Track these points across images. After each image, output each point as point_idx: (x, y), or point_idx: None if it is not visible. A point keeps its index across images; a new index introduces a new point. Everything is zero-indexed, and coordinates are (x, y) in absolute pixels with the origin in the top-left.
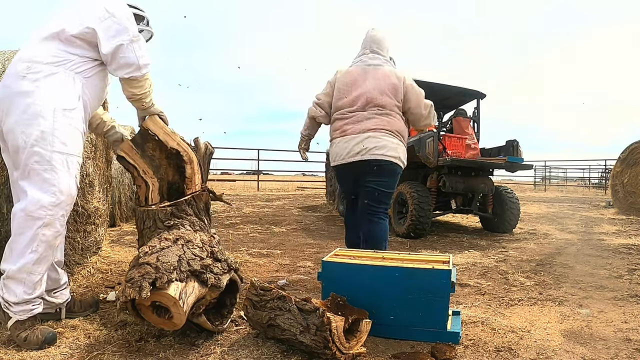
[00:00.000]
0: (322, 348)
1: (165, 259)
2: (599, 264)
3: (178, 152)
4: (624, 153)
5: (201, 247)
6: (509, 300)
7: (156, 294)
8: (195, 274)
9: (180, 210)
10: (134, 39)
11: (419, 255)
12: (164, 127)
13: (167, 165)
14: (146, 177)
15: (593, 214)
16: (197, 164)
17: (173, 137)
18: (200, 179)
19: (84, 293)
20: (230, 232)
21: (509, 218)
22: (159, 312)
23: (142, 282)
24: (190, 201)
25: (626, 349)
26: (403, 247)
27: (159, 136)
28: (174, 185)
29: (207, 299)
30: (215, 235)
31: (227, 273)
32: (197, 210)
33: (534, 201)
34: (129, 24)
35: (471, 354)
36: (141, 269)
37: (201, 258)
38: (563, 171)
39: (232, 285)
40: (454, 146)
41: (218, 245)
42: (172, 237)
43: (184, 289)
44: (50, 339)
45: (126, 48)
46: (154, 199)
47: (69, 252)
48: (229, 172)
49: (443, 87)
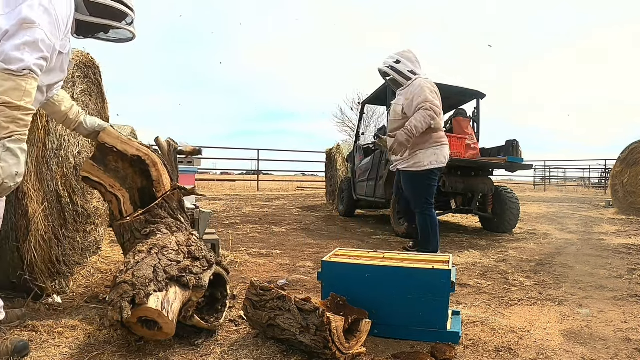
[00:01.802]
0: (322, 348)
1: (140, 273)
2: (599, 264)
3: (140, 158)
4: (623, 153)
5: (177, 249)
6: (509, 300)
7: (138, 311)
8: (175, 280)
9: (154, 216)
10: (25, 24)
11: (419, 255)
12: (119, 137)
13: (133, 173)
14: (115, 190)
15: (593, 214)
16: (162, 165)
17: (131, 144)
18: (169, 178)
19: (84, 293)
20: (230, 232)
21: (508, 218)
22: (149, 325)
23: (122, 303)
24: (163, 204)
25: (626, 349)
26: (403, 247)
27: (117, 147)
28: (145, 190)
29: (193, 300)
30: (194, 232)
31: (208, 269)
32: (171, 211)
33: (534, 201)
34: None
35: (471, 354)
36: (119, 289)
37: (178, 262)
38: (563, 171)
39: (219, 278)
40: (454, 146)
41: (196, 242)
42: (145, 247)
43: (165, 298)
44: (21, 348)
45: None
46: (127, 210)
47: (69, 252)
48: (229, 172)
49: (443, 87)
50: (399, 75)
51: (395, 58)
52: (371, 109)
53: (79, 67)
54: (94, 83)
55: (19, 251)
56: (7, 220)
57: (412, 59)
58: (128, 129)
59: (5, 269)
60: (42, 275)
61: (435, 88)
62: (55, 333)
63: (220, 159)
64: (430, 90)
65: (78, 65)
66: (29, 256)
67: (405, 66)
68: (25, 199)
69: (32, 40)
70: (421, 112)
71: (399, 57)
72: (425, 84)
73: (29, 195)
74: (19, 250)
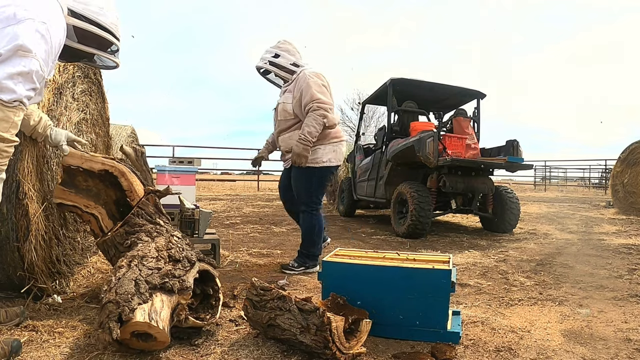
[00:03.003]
0: (322, 348)
1: (122, 290)
2: (599, 264)
3: (107, 171)
4: (624, 153)
5: (156, 256)
6: (509, 300)
7: (127, 327)
8: (158, 288)
9: (132, 226)
10: (21, 52)
11: (419, 255)
12: (82, 156)
13: (105, 188)
14: (90, 209)
15: (593, 214)
16: (131, 172)
17: (96, 160)
18: (141, 184)
19: (84, 293)
20: (231, 232)
21: (509, 218)
22: (144, 337)
23: (109, 324)
24: (139, 212)
25: (626, 349)
26: (403, 247)
27: (83, 166)
28: (120, 201)
29: (182, 303)
30: (176, 232)
31: (191, 269)
32: (148, 217)
33: (534, 201)
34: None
35: (471, 354)
36: (105, 309)
37: (159, 269)
38: (563, 171)
39: (207, 274)
40: (454, 146)
41: (177, 242)
42: (125, 262)
43: (151, 309)
44: (17, 347)
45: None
46: (107, 226)
47: (69, 252)
48: (229, 172)
49: (443, 87)
50: (282, 71)
51: (273, 52)
52: (371, 109)
53: (79, 67)
54: (94, 83)
55: (19, 251)
56: (7, 220)
57: (292, 50)
58: (128, 129)
59: (5, 269)
60: (43, 275)
61: (322, 79)
62: (56, 333)
63: (221, 159)
64: (317, 85)
65: (78, 65)
66: (29, 256)
67: (286, 59)
68: (26, 199)
69: (27, 70)
70: (311, 114)
71: (277, 51)
72: (310, 78)
73: (29, 195)
74: (19, 250)
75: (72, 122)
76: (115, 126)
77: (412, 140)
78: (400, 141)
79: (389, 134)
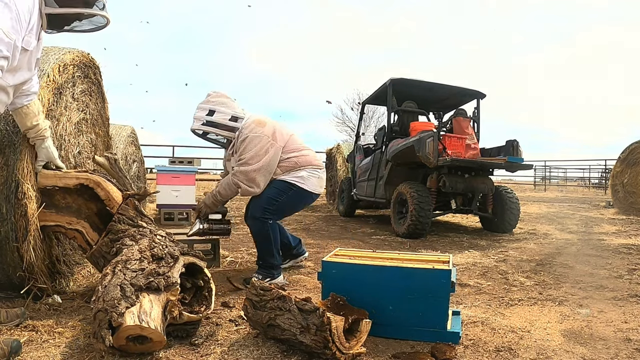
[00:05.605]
0: (322, 348)
1: (108, 297)
2: (599, 264)
3: (82, 185)
4: (624, 153)
5: (139, 257)
6: (509, 300)
7: (119, 333)
8: (144, 288)
9: (115, 233)
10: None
11: (419, 255)
12: (55, 174)
13: (84, 201)
14: (74, 225)
15: (593, 214)
16: (106, 181)
17: (69, 176)
18: (118, 190)
19: (84, 293)
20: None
21: (509, 218)
22: (140, 340)
23: (101, 332)
24: (120, 218)
25: (626, 349)
26: (403, 247)
27: (58, 185)
28: (102, 212)
29: (172, 299)
30: (159, 231)
31: (175, 264)
32: (130, 221)
33: (534, 201)
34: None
35: (471, 354)
36: (96, 319)
37: (142, 269)
38: (563, 171)
39: (194, 266)
40: (454, 146)
41: (160, 241)
42: (110, 268)
43: (140, 310)
44: (16, 347)
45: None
46: (93, 239)
47: (69, 252)
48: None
49: (443, 87)
50: (223, 129)
51: (206, 109)
52: (371, 109)
53: (79, 67)
54: (94, 83)
55: (19, 251)
56: (6, 220)
57: (227, 102)
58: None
59: (5, 269)
60: (42, 275)
61: (263, 127)
62: (56, 333)
63: (221, 159)
64: (254, 144)
65: (78, 65)
66: (29, 256)
67: (223, 114)
68: (25, 199)
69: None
70: (232, 177)
71: (211, 106)
72: (249, 136)
73: (29, 195)
74: (19, 250)
75: (72, 122)
76: (115, 126)
77: (412, 140)
78: (400, 141)
79: (388, 134)
